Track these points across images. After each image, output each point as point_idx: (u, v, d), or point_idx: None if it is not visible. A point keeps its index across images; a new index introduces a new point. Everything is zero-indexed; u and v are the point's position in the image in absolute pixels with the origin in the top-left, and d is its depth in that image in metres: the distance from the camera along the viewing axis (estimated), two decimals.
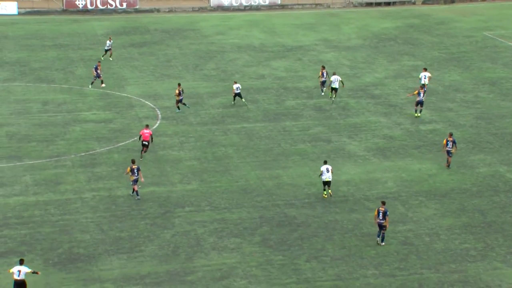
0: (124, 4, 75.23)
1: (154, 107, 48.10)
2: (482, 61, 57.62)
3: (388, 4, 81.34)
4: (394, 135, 42.90)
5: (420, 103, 45.18)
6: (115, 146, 41.60)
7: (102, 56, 57.42)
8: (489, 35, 66.14)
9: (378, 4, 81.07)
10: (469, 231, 32.08)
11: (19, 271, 27.00)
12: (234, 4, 78.69)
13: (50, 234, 32.09)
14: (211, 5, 77.97)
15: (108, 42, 57.64)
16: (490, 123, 44.27)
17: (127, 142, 41.85)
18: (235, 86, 47.83)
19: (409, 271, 29.35)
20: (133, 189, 35.31)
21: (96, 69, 50.85)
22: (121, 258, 30.12)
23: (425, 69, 49.80)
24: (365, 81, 53.28)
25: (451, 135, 38.29)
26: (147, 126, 39.92)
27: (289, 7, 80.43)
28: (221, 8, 78.14)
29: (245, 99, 48.08)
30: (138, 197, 35.14)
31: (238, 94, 47.83)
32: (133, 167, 34.95)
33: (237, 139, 42.65)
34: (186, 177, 37.75)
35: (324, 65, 51.21)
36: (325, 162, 35.32)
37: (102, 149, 41.05)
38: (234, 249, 30.98)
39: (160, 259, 30.26)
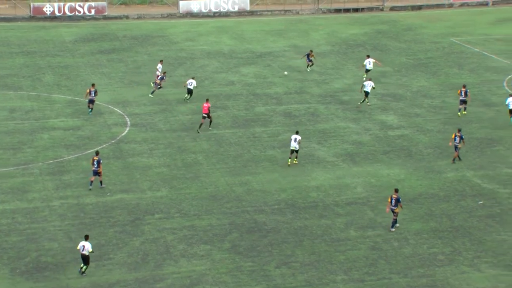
0: (93, 11, 74.82)
1: (123, 114, 47.87)
2: (449, 67, 58.22)
3: (356, 10, 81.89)
4: (363, 141, 43.16)
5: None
6: (84, 153, 41.32)
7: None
8: (456, 41, 66.87)
9: (347, 10, 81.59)
10: (437, 235, 32.35)
11: (83, 246, 29.27)
12: (203, 10, 78.68)
13: (17, 243, 31.75)
14: (180, 12, 77.88)
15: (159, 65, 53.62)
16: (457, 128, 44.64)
17: (95, 149, 41.57)
18: (188, 81, 48.43)
19: (378, 276, 29.51)
20: (91, 181, 36.17)
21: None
22: (89, 266, 29.87)
23: (368, 56, 54.31)
24: (334, 87, 53.55)
25: (459, 130, 39.46)
26: (207, 100, 44.51)
27: (258, 13, 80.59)
28: (190, 15, 78.09)
29: (213, 105, 48.04)
30: (99, 187, 36.50)
31: (190, 91, 48.47)
32: (95, 158, 36.09)
33: (206, 145, 42.60)
34: (156, 184, 37.61)
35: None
36: (297, 132, 39.19)
37: (71, 157, 40.75)
38: (203, 256, 30.92)
39: (129, 267, 30.09)
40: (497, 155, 40.59)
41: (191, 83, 49.42)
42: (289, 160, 38.91)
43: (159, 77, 51.33)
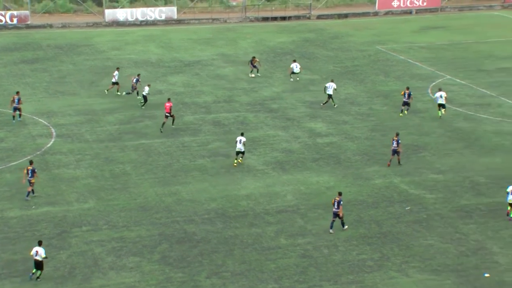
0: (15, 20, 73.29)
1: (48, 124, 46.99)
2: (375, 75, 59.25)
3: (283, 18, 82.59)
4: (292, 149, 43.47)
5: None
6: (7, 165, 40.35)
7: (109, 90, 53.40)
8: (382, 49, 68.13)
9: (274, 18, 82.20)
10: (366, 241, 32.80)
11: (37, 252, 29.41)
12: (130, 19, 78.04)
13: None
14: (106, 20, 77.06)
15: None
16: (384, 135, 45.52)
17: (20, 161, 40.66)
18: (144, 88, 49.78)
19: (309, 283, 29.71)
20: (28, 191, 35.67)
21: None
22: (14, 282, 29.17)
23: (295, 60, 56.96)
24: (263, 95, 53.82)
25: (397, 134, 40.51)
26: (169, 100, 45.89)
27: (186, 22, 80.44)
28: (116, 23, 77.33)
29: (141, 115, 47.63)
30: (31, 196, 36.06)
31: (145, 98, 49.56)
32: (29, 168, 35.67)
33: (135, 155, 42.19)
34: (83, 195, 37.01)
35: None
36: (242, 134, 40.60)
37: None
38: (133, 268, 30.55)
39: (55, 281, 29.48)
40: (423, 161, 41.47)
41: (146, 90, 49.78)
42: (235, 160, 40.35)
43: (134, 80, 51.48)
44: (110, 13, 77.53)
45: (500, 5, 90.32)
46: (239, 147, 40.39)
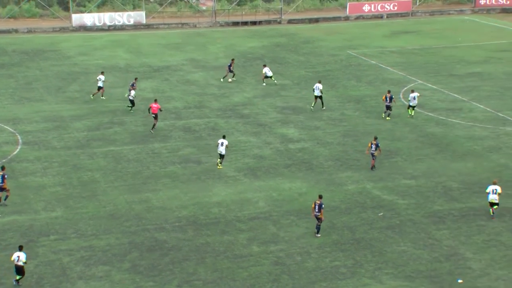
0: None
1: (14, 131, 46.54)
2: (347, 79, 59.58)
3: (254, 23, 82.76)
4: (264, 155, 43.52)
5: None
6: None
7: (95, 95, 53.21)
8: (353, 54, 68.56)
9: (244, 23, 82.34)
10: (339, 248, 32.92)
11: (18, 257, 29.35)
12: (98, 24, 77.66)
13: None
14: (73, 25, 76.59)
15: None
16: (356, 141, 45.77)
17: None
18: (131, 91, 50.52)
19: None
20: None
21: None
22: None
23: (265, 65, 58.00)
24: (234, 101, 53.84)
25: (375, 138, 40.82)
26: (155, 101, 46.99)
27: (155, 26, 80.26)
28: (84, 28, 76.90)
29: (110, 121, 47.39)
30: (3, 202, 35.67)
31: (132, 102, 50.30)
32: (0, 173, 35.37)
33: (104, 162, 41.94)
34: (50, 204, 36.69)
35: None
36: (223, 137, 41.32)
37: None
38: (102, 277, 30.33)
39: None
40: (395, 167, 41.76)
41: (132, 94, 50.24)
42: (218, 162, 41.30)
43: (131, 84, 51.81)
44: (77, 18, 77.08)
45: (471, 10, 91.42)
46: (220, 149, 40.84)
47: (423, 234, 33.89)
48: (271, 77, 57.70)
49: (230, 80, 57.95)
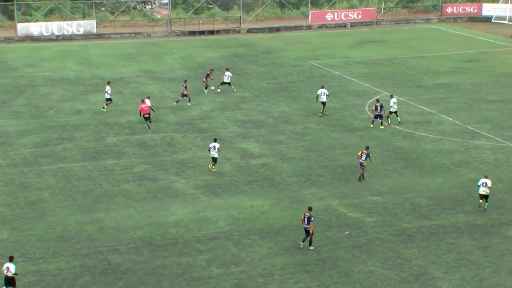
0: None
1: None
2: (310, 91, 59.94)
3: (212, 32, 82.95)
4: (224, 171, 43.50)
5: (324, 103, 53.41)
6: None
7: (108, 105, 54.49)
8: (316, 64, 69.06)
9: (202, 32, 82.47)
10: (304, 269, 32.97)
11: (8, 268, 29.61)
12: (45, 33, 77.11)
13: None
14: (19, 35, 75.94)
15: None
16: (320, 155, 46.02)
17: None
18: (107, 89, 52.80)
19: None
20: None
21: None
22: None
23: (227, 69, 59.23)
24: (191, 114, 53.79)
25: (367, 148, 41.80)
26: (143, 101, 49.92)
27: (106, 36, 79.96)
28: (30, 38, 76.30)
29: (60, 137, 46.99)
30: None
31: (108, 98, 51.97)
32: None
33: (53, 181, 41.53)
34: None
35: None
36: (215, 140, 43.20)
37: None
38: None
39: None
40: (361, 183, 42.01)
41: (108, 92, 52.34)
42: (212, 166, 42.99)
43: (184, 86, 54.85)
44: (23, 27, 76.44)
45: (437, 18, 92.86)
46: (213, 152, 42.70)
47: (391, 253, 34.13)
48: (229, 83, 57.89)
49: (218, 90, 58.22)
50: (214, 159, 42.93)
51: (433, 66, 69.19)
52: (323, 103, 53.37)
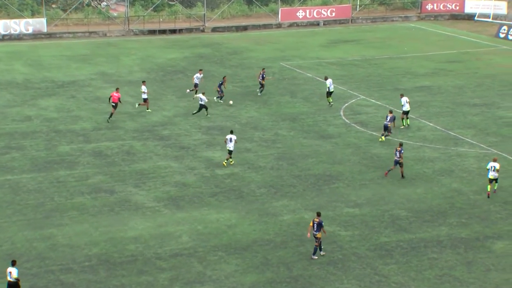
0: None
1: None
2: (280, 95, 60.13)
3: (173, 32, 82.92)
4: (187, 182, 43.48)
5: (330, 93, 57.39)
6: None
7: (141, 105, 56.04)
8: (287, 66, 69.33)
9: (162, 32, 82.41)
10: (274, 287, 33.03)
11: (10, 273, 30.50)
12: None
13: None
14: None
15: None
16: (292, 164, 46.17)
17: None
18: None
19: None
20: None
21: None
22: None
23: (201, 70, 59.91)
24: (151, 120, 53.70)
25: (400, 145, 43.96)
26: (117, 90, 52.80)
27: (58, 36, 79.61)
28: None
29: (7, 146, 46.63)
30: None
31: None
32: None
33: None
34: None
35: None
36: (231, 132, 45.57)
37: None
38: None
39: None
40: (336, 193, 42.24)
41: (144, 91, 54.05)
42: (229, 160, 45.21)
43: (218, 83, 57.49)
44: None
45: (417, 16, 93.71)
46: (230, 145, 44.88)
47: (369, 270, 34.31)
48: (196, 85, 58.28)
49: (230, 102, 57.55)
50: (230, 152, 45.15)
51: (413, 67, 69.80)
52: (330, 93, 57.26)
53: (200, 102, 53.65)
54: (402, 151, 43.69)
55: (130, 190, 42.22)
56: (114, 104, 52.30)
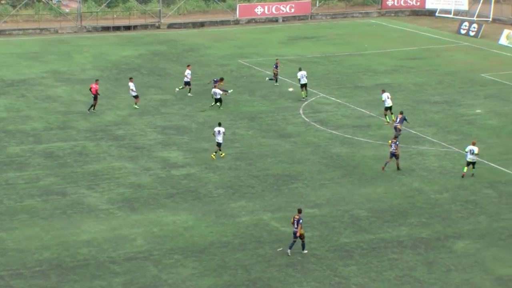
0: None
1: None
2: (238, 93, 60.16)
3: (128, 28, 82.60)
4: (142, 183, 43.32)
5: (303, 86, 58.69)
6: None
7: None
8: (245, 63, 69.37)
9: (117, 28, 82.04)
10: None
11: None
12: None
13: None
14: None
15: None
16: (251, 164, 46.22)
17: None
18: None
19: None
20: None
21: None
22: None
23: (189, 66, 60.04)
24: (105, 120, 53.41)
25: (395, 137, 45.90)
26: (96, 81, 54.71)
27: (7, 32, 78.89)
28: None
29: None
30: None
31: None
32: None
33: None
34: None
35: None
36: (219, 124, 46.62)
37: None
38: None
39: None
40: (295, 194, 42.37)
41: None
42: (218, 152, 46.44)
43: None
44: None
45: (377, 12, 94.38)
46: (218, 138, 46.12)
47: (328, 271, 34.48)
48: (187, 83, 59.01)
49: (290, 89, 60.30)
50: (219, 145, 46.32)
51: (373, 64, 70.25)
52: (305, 85, 58.36)
53: (215, 97, 55.81)
54: (397, 142, 44.63)
55: (82, 192, 41.96)
56: (94, 95, 53.81)
